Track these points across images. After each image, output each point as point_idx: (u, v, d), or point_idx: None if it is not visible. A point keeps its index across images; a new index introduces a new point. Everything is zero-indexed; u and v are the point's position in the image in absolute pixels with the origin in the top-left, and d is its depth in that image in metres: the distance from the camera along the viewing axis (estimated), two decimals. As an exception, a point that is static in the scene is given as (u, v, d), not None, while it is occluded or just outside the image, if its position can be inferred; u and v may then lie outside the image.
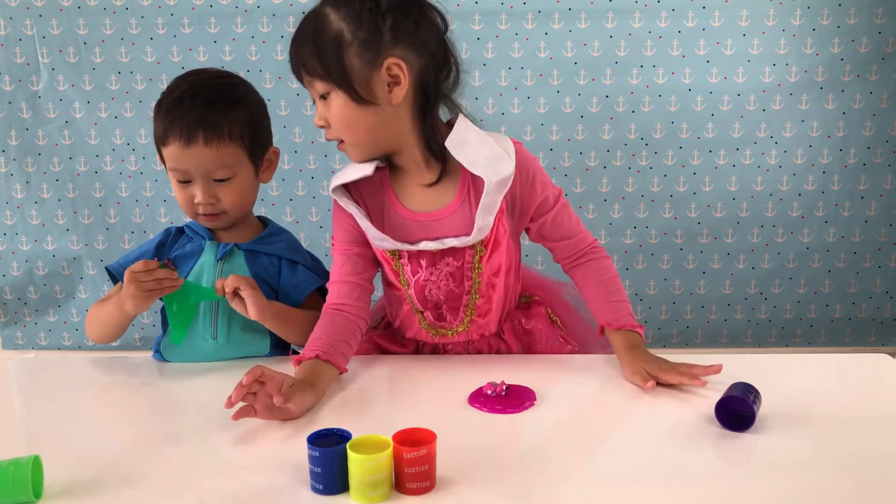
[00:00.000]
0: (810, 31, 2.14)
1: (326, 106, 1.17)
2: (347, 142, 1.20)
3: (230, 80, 1.36)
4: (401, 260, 1.26)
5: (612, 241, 2.29)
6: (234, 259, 1.35)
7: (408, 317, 1.32)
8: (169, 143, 1.27)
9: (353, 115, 1.16)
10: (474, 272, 1.26)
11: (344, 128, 1.18)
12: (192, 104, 1.27)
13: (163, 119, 1.29)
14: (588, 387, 1.18)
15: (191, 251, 1.37)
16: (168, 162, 1.30)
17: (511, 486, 0.89)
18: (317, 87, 1.17)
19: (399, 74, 1.14)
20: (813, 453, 0.95)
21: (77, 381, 1.26)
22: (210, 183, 1.29)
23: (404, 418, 1.02)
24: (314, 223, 2.30)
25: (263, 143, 1.36)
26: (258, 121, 1.35)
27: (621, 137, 2.22)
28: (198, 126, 1.26)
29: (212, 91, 1.30)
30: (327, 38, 1.14)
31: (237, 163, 1.30)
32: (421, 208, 1.24)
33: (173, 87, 1.33)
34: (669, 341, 2.37)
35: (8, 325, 2.43)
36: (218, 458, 0.98)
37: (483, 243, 1.23)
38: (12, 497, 0.85)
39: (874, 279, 2.32)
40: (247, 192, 1.34)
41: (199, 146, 1.26)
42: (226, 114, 1.28)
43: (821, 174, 2.24)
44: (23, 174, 2.31)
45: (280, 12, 2.17)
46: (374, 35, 1.13)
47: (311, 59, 1.15)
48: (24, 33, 2.22)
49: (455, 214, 1.23)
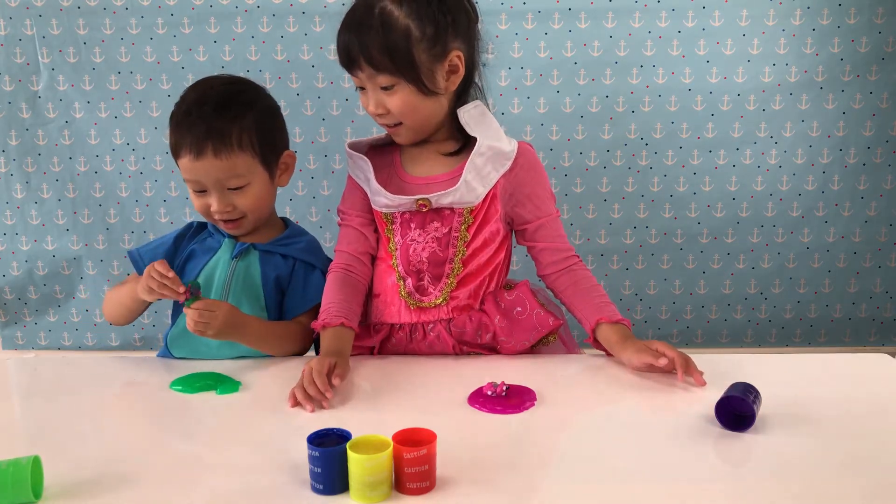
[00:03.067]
0: (810, 31, 2.14)
1: (389, 96, 1.25)
2: (407, 125, 1.29)
3: (237, 86, 1.36)
4: (393, 225, 1.34)
5: (612, 241, 2.29)
6: (249, 258, 1.37)
7: (389, 291, 1.34)
8: (181, 155, 1.29)
9: (417, 104, 1.26)
10: (460, 241, 1.31)
11: (407, 115, 1.27)
12: (200, 115, 1.28)
13: (174, 131, 1.31)
14: (588, 387, 1.19)
15: (209, 246, 1.39)
16: (182, 173, 1.31)
17: (511, 487, 0.89)
18: (380, 79, 1.24)
19: (458, 65, 1.26)
20: (813, 453, 0.95)
21: (77, 381, 1.26)
22: (224, 192, 1.31)
23: (404, 418, 1.02)
24: (314, 223, 2.30)
25: (276, 148, 1.36)
26: (268, 126, 1.35)
27: (621, 137, 2.22)
28: (206, 138, 1.27)
29: (218, 100, 1.30)
30: (397, 35, 1.21)
31: (250, 171, 1.31)
32: (422, 173, 1.34)
33: (183, 97, 1.34)
34: (669, 341, 2.32)
35: (8, 325, 2.43)
36: (218, 458, 0.98)
37: (471, 213, 1.30)
38: (12, 497, 0.85)
39: (874, 279, 2.32)
40: (262, 197, 1.35)
41: (209, 158, 1.27)
42: (233, 122, 1.29)
43: (821, 174, 2.24)
44: (23, 174, 2.31)
45: (280, 12, 2.16)
46: (441, 30, 1.23)
47: (380, 54, 1.21)
48: (24, 33, 2.21)
49: (451, 180, 1.30)
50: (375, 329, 1.36)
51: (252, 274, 1.36)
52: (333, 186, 2.27)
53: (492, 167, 1.30)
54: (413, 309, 1.32)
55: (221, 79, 1.39)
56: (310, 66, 2.18)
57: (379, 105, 1.27)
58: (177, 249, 1.41)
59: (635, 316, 2.34)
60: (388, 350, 1.36)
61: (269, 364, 1.30)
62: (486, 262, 1.33)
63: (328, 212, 2.28)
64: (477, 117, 1.31)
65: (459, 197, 1.29)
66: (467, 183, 1.28)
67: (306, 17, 2.15)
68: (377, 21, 1.21)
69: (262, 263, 1.37)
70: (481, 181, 1.29)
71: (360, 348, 1.35)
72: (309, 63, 2.18)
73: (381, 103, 1.26)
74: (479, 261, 1.32)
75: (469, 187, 1.28)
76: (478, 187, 1.29)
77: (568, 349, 1.40)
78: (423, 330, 1.33)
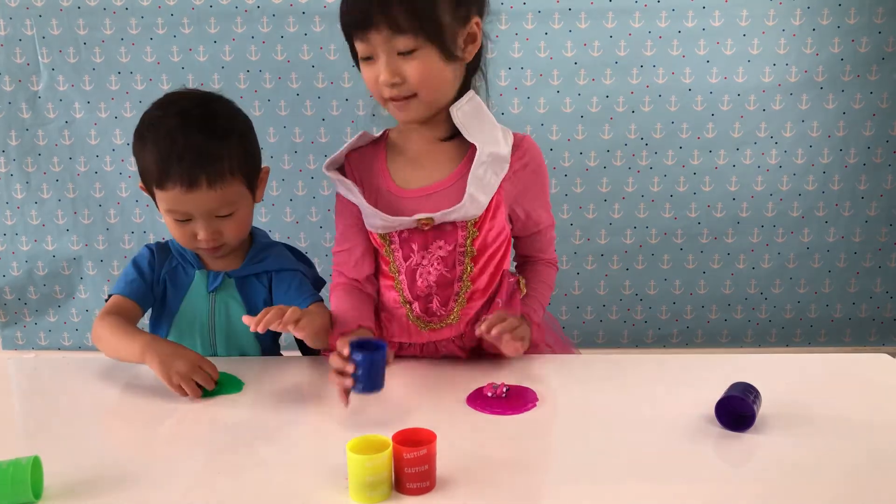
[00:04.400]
0: (810, 31, 2.14)
1: (407, 62, 1.14)
2: (421, 97, 1.18)
3: (217, 105, 1.27)
4: (391, 245, 1.25)
5: (612, 241, 2.29)
6: (226, 288, 1.32)
7: (394, 312, 1.29)
8: (167, 187, 1.19)
9: (439, 70, 1.17)
10: (466, 257, 1.24)
11: (425, 83, 1.16)
12: (186, 142, 1.18)
13: (153, 158, 1.20)
14: (588, 387, 1.18)
15: (180, 281, 1.33)
16: (164, 204, 1.22)
17: (511, 486, 0.89)
18: (399, 42, 1.13)
19: (476, 33, 1.19)
20: (813, 453, 0.95)
21: (77, 382, 1.26)
22: (213, 220, 1.23)
23: (404, 418, 1.02)
24: (314, 223, 2.30)
25: (258, 168, 1.31)
26: (252, 147, 1.29)
27: (621, 137, 2.22)
28: (198, 170, 1.18)
29: (203, 124, 1.21)
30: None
31: (239, 197, 1.25)
32: (414, 185, 1.25)
33: (155, 119, 1.23)
34: (669, 341, 2.37)
35: (8, 326, 2.43)
36: (218, 458, 0.98)
37: (475, 225, 1.22)
38: (12, 498, 0.85)
39: (874, 279, 2.32)
40: (247, 221, 1.31)
41: (202, 190, 1.19)
42: (223, 148, 1.21)
43: (821, 174, 2.24)
44: (23, 174, 2.31)
45: (280, 12, 2.16)
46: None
47: (403, 14, 1.11)
48: (24, 33, 2.22)
49: (449, 189, 1.22)
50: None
51: (234, 305, 1.32)
52: (333, 186, 2.27)
53: (492, 173, 1.22)
54: (424, 331, 1.28)
55: (195, 97, 1.27)
56: (310, 66, 2.18)
57: (395, 73, 1.14)
58: (151, 281, 1.33)
59: (635, 316, 2.35)
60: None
61: (270, 364, 1.30)
62: (494, 270, 1.27)
63: (328, 212, 2.28)
64: (471, 114, 1.22)
65: (464, 213, 1.20)
66: (471, 196, 1.19)
67: (306, 17, 2.15)
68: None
69: (240, 290, 1.32)
70: (483, 189, 1.21)
71: None
72: (309, 63, 2.18)
73: (398, 71, 1.14)
74: (487, 273, 1.26)
75: (472, 199, 1.20)
76: (480, 197, 1.21)
77: (564, 350, 1.40)
78: (434, 347, 1.30)
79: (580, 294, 2.33)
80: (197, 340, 1.32)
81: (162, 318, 1.34)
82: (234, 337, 1.33)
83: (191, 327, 1.32)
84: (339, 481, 0.88)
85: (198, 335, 1.32)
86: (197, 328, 1.32)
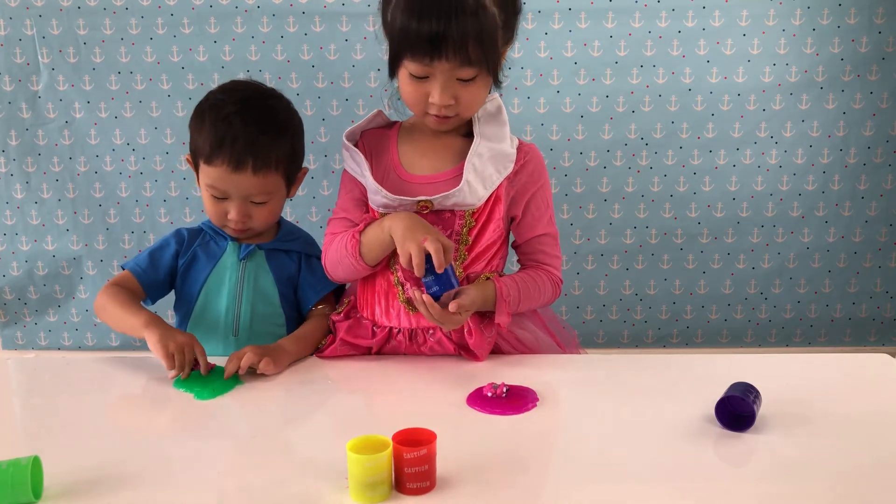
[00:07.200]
0: (810, 31, 2.14)
1: (465, 87, 1.17)
2: (462, 115, 1.23)
3: (277, 102, 1.37)
4: None
5: (612, 241, 2.29)
6: (256, 258, 1.39)
7: (387, 293, 1.31)
8: (215, 164, 1.29)
9: (484, 95, 1.22)
10: (461, 244, 1.28)
11: (472, 108, 1.22)
12: (243, 128, 1.28)
13: (208, 136, 1.29)
14: (588, 387, 1.18)
15: (212, 252, 1.40)
16: (207, 179, 1.31)
17: (511, 486, 0.89)
18: (464, 72, 1.15)
19: (505, 52, 1.22)
20: (813, 453, 0.95)
21: (77, 382, 1.26)
22: (247, 203, 1.33)
23: (404, 418, 1.02)
24: (314, 223, 2.30)
25: (299, 167, 1.42)
26: (299, 148, 1.40)
27: (621, 137, 2.22)
28: (248, 154, 1.28)
29: (260, 116, 1.31)
30: (490, 23, 1.12)
31: (276, 189, 1.35)
32: (419, 171, 1.30)
33: (218, 101, 1.32)
34: (669, 341, 2.37)
35: (8, 325, 2.43)
36: (218, 458, 0.98)
37: (473, 215, 1.26)
38: (12, 498, 0.85)
39: (874, 279, 2.32)
40: (277, 211, 1.39)
41: (246, 174, 1.28)
42: (274, 141, 1.31)
43: (821, 174, 2.24)
44: (23, 174, 2.31)
45: (280, 12, 2.16)
46: (510, 17, 1.18)
47: (475, 48, 1.12)
48: (24, 33, 2.21)
49: (451, 181, 1.27)
50: (374, 331, 1.32)
51: (262, 274, 1.39)
52: (333, 186, 2.27)
53: (493, 168, 1.27)
54: (413, 314, 1.29)
55: (258, 89, 1.38)
56: (310, 66, 2.18)
57: (452, 97, 1.17)
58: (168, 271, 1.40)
59: (635, 316, 2.35)
60: (387, 352, 1.33)
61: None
62: (486, 264, 1.30)
63: (328, 211, 2.27)
64: (492, 112, 1.28)
65: (462, 199, 1.25)
66: (469, 184, 1.24)
67: (306, 17, 2.15)
68: (472, 6, 1.09)
69: (270, 262, 1.40)
70: (483, 182, 1.26)
71: (358, 348, 1.33)
72: (309, 63, 2.18)
73: (454, 94, 1.17)
74: (480, 264, 1.30)
75: (471, 188, 1.25)
76: (479, 189, 1.26)
77: (567, 350, 1.40)
78: (423, 335, 1.31)
79: (580, 294, 2.33)
80: (223, 304, 1.37)
81: (191, 284, 1.39)
82: (259, 303, 1.38)
83: (218, 290, 1.38)
84: (339, 481, 0.88)
85: (225, 299, 1.37)
86: (225, 293, 1.38)
